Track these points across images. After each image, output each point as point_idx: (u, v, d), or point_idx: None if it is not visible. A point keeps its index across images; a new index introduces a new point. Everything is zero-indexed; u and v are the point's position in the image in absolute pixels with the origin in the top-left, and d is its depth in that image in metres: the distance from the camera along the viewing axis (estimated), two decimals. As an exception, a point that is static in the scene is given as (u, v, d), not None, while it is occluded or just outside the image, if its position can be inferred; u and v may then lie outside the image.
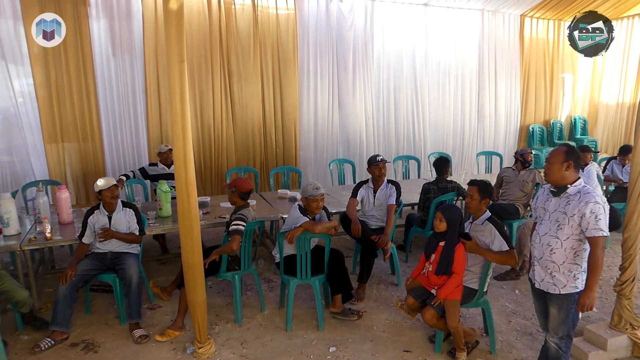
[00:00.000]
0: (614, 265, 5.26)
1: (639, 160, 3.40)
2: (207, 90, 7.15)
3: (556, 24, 10.02)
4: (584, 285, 2.79)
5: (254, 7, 7.22)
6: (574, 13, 9.53)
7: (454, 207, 3.53)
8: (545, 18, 9.82)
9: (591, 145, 9.72)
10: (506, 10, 9.24)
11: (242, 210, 4.03)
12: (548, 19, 9.86)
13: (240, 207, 4.10)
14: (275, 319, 4.20)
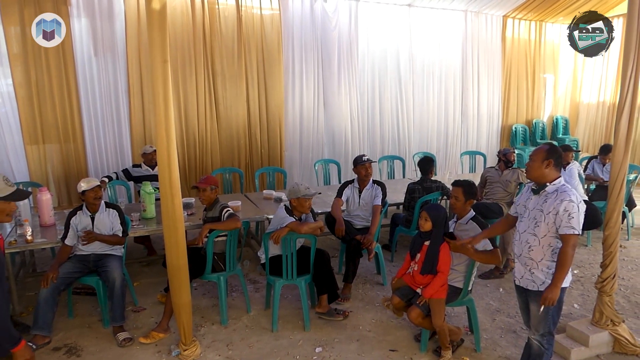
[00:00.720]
0: (595, 262, 5.35)
1: (619, 159, 3.46)
2: (191, 91, 7.10)
3: (537, 25, 10.16)
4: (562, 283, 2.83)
5: (238, 7, 7.19)
6: (554, 14, 9.74)
7: (438, 207, 3.56)
8: (527, 19, 9.95)
9: (573, 144, 9.87)
10: (489, 11, 9.34)
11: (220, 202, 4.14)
12: (529, 20, 9.99)
13: (215, 202, 4.16)
14: (261, 320, 4.18)
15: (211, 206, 4.14)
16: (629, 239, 6.26)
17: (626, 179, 3.57)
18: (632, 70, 3.36)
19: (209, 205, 4.17)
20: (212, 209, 4.11)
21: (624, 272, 5.18)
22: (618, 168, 3.47)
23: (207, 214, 4.17)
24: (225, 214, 4.01)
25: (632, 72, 3.36)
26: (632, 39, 3.34)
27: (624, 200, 4.41)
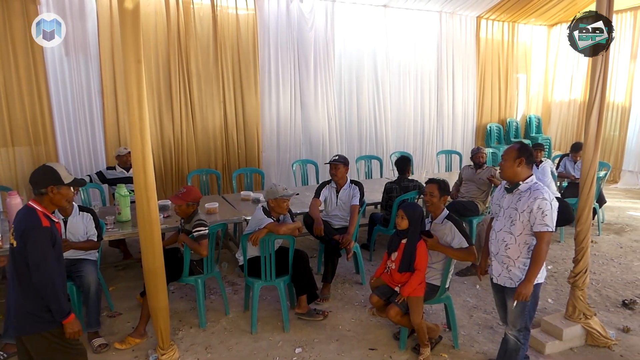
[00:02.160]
0: (568, 258, 5.48)
1: (589, 157, 3.55)
2: (166, 92, 7.00)
3: (510, 26, 10.35)
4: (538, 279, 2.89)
5: (213, 7, 7.12)
6: (526, 16, 9.94)
7: (415, 205, 3.59)
8: (500, 20, 10.13)
9: (545, 143, 10.08)
10: (463, 12, 9.47)
11: (198, 216, 3.97)
12: (502, 21, 10.17)
13: (192, 214, 4.00)
14: (240, 322, 4.16)
15: (189, 218, 4.04)
16: (599, 235, 6.43)
17: (596, 176, 3.66)
18: (600, 71, 3.45)
19: (187, 218, 4.06)
20: (189, 222, 4.01)
21: (595, 267, 5.32)
22: (588, 165, 3.56)
23: (184, 225, 4.08)
24: (195, 232, 3.84)
25: (600, 72, 3.45)
26: (600, 40, 3.43)
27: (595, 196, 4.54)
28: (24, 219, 2.47)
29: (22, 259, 2.42)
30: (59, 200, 2.57)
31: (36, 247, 2.40)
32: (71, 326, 2.51)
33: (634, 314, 4.27)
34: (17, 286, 2.47)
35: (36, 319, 2.46)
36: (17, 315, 2.49)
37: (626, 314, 4.29)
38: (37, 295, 2.44)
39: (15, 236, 2.45)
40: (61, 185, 2.55)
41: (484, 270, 3.34)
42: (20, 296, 2.47)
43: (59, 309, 2.48)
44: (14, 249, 2.46)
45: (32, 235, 2.40)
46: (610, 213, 7.37)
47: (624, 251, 5.88)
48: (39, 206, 2.51)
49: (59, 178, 2.54)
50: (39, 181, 2.53)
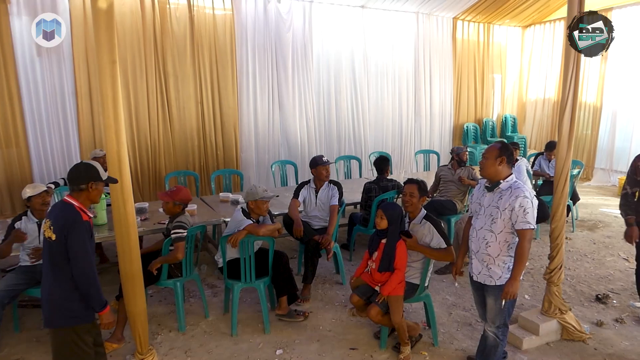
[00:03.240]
0: (543, 254, 5.58)
1: (563, 155, 3.62)
2: (142, 92, 6.91)
3: (486, 27, 10.52)
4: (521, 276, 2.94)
5: (189, 7, 7.05)
6: (501, 17, 10.11)
7: (394, 205, 3.61)
8: (476, 21, 10.28)
9: (521, 142, 10.27)
10: (439, 13, 9.58)
11: (180, 217, 3.92)
12: (478, 22, 10.32)
13: (177, 214, 3.97)
14: (220, 325, 4.12)
15: (173, 218, 4.00)
16: (574, 231, 6.57)
17: (570, 174, 3.74)
18: (572, 71, 3.53)
19: (171, 217, 4.02)
20: (172, 221, 3.96)
21: (569, 263, 5.43)
22: (562, 164, 3.63)
23: (168, 225, 4.03)
24: (173, 234, 3.80)
25: (572, 72, 3.53)
26: (572, 41, 3.51)
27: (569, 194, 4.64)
28: (63, 214, 2.57)
29: (60, 252, 2.52)
30: (95, 196, 2.71)
31: (78, 240, 2.51)
32: (107, 317, 2.70)
33: (607, 308, 4.37)
34: (52, 279, 2.57)
35: (67, 312, 2.57)
36: (50, 307, 2.59)
37: (599, 308, 4.39)
38: (71, 287, 2.55)
39: (55, 230, 2.52)
40: (100, 181, 2.69)
41: (459, 269, 3.37)
42: (54, 289, 2.57)
43: (99, 299, 2.63)
44: (51, 243, 2.54)
45: (74, 229, 2.51)
46: (584, 210, 7.54)
47: (597, 247, 6.02)
48: (75, 202, 2.61)
49: (98, 174, 2.69)
50: (80, 177, 2.64)
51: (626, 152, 9.18)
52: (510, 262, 2.95)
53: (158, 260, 3.82)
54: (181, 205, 3.97)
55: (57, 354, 2.67)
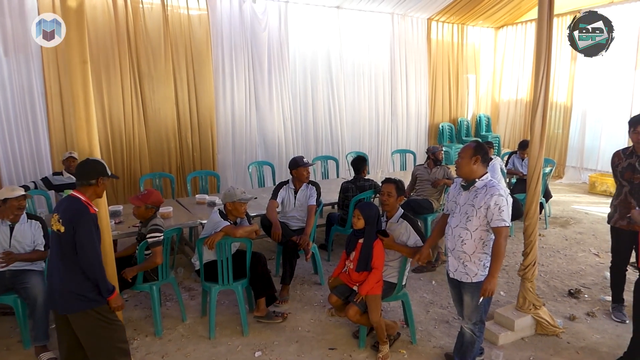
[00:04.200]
0: (518, 251, 5.68)
1: (535, 154, 3.70)
2: (115, 93, 6.78)
3: (460, 28, 10.67)
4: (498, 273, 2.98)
5: (163, 7, 6.96)
6: (475, 18, 10.27)
7: (371, 205, 3.63)
8: (450, 22, 10.42)
9: (495, 141, 10.44)
10: (414, 14, 9.68)
11: (154, 220, 3.85)
12: (452, 22, 10.47)
13: (150, 218, 3.89)
14: (197, 328, 4.07)
15: (146, 222, 3.91)
16: (547, 228, 6.71)
17: (542, 172, 3.82)
18: (543, 72, 3.60)
19: (144, 221, 3.95)
20: (146, 226, 3.89)
21: (543, 259, 5.55)
22: (535, 162, 3.71)
23: (141, 229, 3.95)
24: (149, 238, 3.74)
25: (543, 73, 3.60)
26: (542, 42, 3.59)
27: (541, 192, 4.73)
28: (71, 207, 2.72)
29: (69, 243, 2.67)
30: (102, 191, 2.87)
31: (85, 232, 2.67)
32: (115, 301, 2.87)
33: (579, 303, 4.48)
34: (63, 269, 2.72)
35: (82, 298, 2.72)
36: (63, 295, 2.73)
37: (572, 302, 4.49)
38: (82, 276, 2.71)
39: (63, 222, 2.68)
40: (107, 176, 2.86)
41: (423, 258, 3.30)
42: (66, 278, 2.72)
43: (105, 286, 2.79)
44: (60, 235, 2.69)
45: (81, 221, 2.67)
46: (556, 207, 7.71)
47: (569, 243, 6.17)
48: (82, 196, 2.76)
49: (105, 170, 2.85)
50: (90, 172, 2.80)
51: (595, 151, 9.45)
52: (486, 260, 3.00)
53: (136, 268, 3.74)
54: (153, 209, 3.90)
55: (90, 334, 2.81)
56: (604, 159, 9.33)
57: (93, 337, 2.82)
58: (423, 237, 3.54)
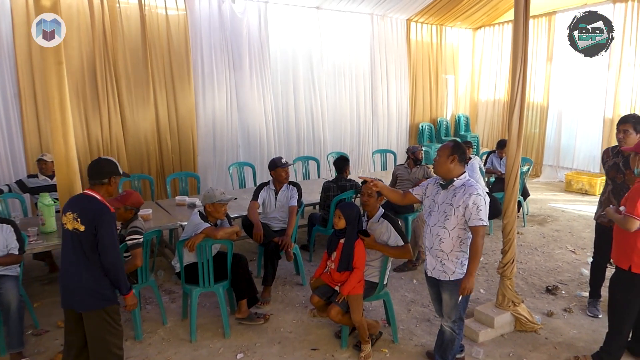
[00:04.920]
0: (497, 249, 5.77)
1: (513, 153, 3.75)
2: (92, 94, 6.66)
3: (438, 29, 10.78)
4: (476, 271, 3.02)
5: (140, 7, 6.87)
6: (453, 19, 10.39)
7: (352, 205, 3.64)
8: (429, 23, 10.52)
9: (474, 140, 10.58)
10: (393, 15, 9.74)
11: (134, 222, 3.80)
12: (431, 23, 10.57)
13: (130, 220, 3.85)
14: (178, 331, 4.03)
15: (126, 224, 3.86)
16: (524, 226, 6.82)
17: (520, 171, 3.88)
18: (520, 72, 3.66)
19: (124, 223, 3.89)
20: (126, 228, 3.83)
21: (521, 257, 5.63)
22: (512, 161, 3.76)
23: (121, 231, 3.89)
24: (129, 241, 3.68)
25: (520, 73, 3.66)
26: (519, 43, 3.64)
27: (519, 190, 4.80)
28: (92, 207, 2.75)
29: (90, 242, 2.71)
30: (114, 190, 2.91)
31: (108, 230, 2.72)
32: (131, 299, 2.99)
33: (557, 299, 4.57)
34: (82, 267, 2.75)
35: (99, 296, 2.78)
36: (81, 293, 2.77)
37: (550, 299, 4.58)
38: (101, 274, 2.77)
39: (83, 221, 2.70)
40: (119, 175, 2.91)
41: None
42: (85, 276, 2.75)
43: (125, 283, 2.88)
44: (79, 234, 2.72)
45: (103, 221, 2.71)
46: (534, 205, 7.85)
47: (547, 240, 6.28)
48: (98, 195, 2.80)
49: (117, 169, 2.90)
50: (103, 171, 2.84)
51: (571, 150, 9.65)
52: (464, 258, 3.03)
53: None
54: (133, 210, 3.85)
55: (95, 335, 2.86)
56: (580, 158, 9.56)
57: (97, 337, 2.87)
58: (404, 236, 3.57)
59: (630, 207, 3.06)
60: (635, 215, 3.02)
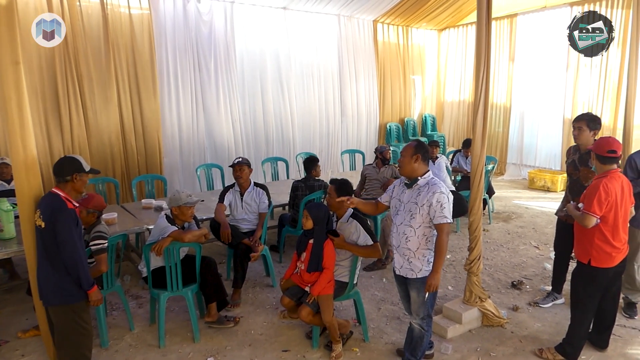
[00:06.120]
0: (464, 246, 5.88)
1: (477, 152, 3.83)
2: (52, 96, 6.45)
3: (404, 30, 10.92)
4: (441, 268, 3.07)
5: (102, 6, 6.69)
6: (418, 20, 10.54)
7: (320, 205, 3.65)
8: (395, 24, 10.64)
9: (440, 140, 10.76)
10: (360, 16, 9.82)
11: (98, 227, 3.70)
12: (397, 25, 10.70)
13: (93, 224, 3.74)
14: (146, 337, 3.95)
15: (89, 228, 3.75)
16: (490, 223, 6.98)
17: (485, 169, 3.96)
18: (483, 73, 3.74)
19: (87, 228, 3.78)
20: (89, 233, 3.72)
21: (487, 253, 5.76)
22: (477, 160, 3.84)
23: (84, 236, 3.77)
24: (92, 246, 3.57)
25: (483, 74, 3.74)
26: (481, 44, 3.72)
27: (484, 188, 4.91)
28: (51, 203, 2.83)
29: (50, 238, 2.80)
30: (80, 187, 2.96)
31: (64, 226, 2.77)
32: (95, 295, 2.96)
33: (522, 294, 4.69)
34: (47, 263, 2.85)
35: (63, 292, 2.85)
36: (46, 288, 2.88)
37: (515, 294, 4.70)
38: (64, 270, 2.83)
39: (44, 218, 2.80)
40: (83, 172, 2.94)
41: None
42: (49, 271, 2.85)
43: (86, 279, 2.89)
44: (42, 230, 2.82)
45: (60, 217, 2.77)
46: (499, 203, 8.04)
47: (512, 237, 6.45)
48: (62, 192, 2.87)
49: (81, 166, 2.93)
50: (64, 170, 2.89)
51: (533, 148, 9.95)
52: (430, 255, 3.08)
53: None
54: (96, 214, 3.74)
55: (61, 331, 2.93)
56: (541, 156, 9.85)
57: (64, 335, 2.92)
58: (373, 235, 3.59)
59: (587, 205, 3.18)
60: (591, 213, 3.14)
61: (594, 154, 3.28)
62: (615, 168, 3.25)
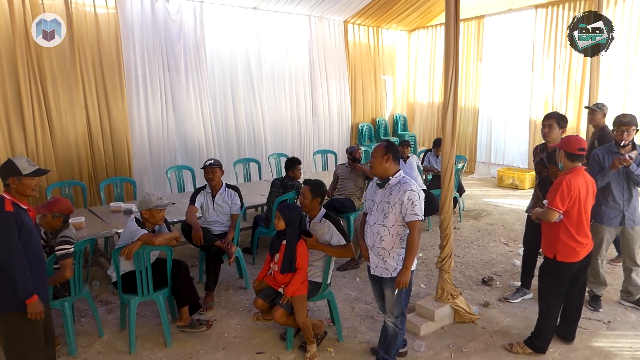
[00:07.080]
0: (436, 245, 5.94)
1: (447, 151, 3.89)
2: (13, 97, 6.22)
3: (375, 30, 11.00)
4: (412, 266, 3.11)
5: (66, 4, 6.50)
6: (388, 21, 10.63)
7: (292, 206, 3.65)
8: (365, 25, 10.71)
9: (411, 139, 10.88)
10: (330, 17, 9.84)
11: (65, 231, 3.59)
12: (367, 25, 10.76)
13: (59, 228, 3.64)
14: (116, 343, 3.86)
15: (56, 233, 3.63)
16: (461, 221, 7.10)
17: (455, 168, 4.03)
18: (452, 73, 3.80)
19: (53, 232, 3.66)
20: (55, 238, 3.61)
21: (458, 251, 5.86)
22: (447, 159, 3.90)
23: (50, 241, 3.66)
24: (57, 251, 3.47)
25: (452, 74, 3.80)
26: (450, 46, 3.78)
27: (455, 187, 5.00)
28: None
29: None
30: (24, 190, 2.81)
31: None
32: (33, 307, 2.74)
33: (492, 290, 4.79)
34: None
35: (4, 299, 2.71)
36: None
37: (485, 290, 4.79)
38: (4, 275, 2.67)
39: None
40: (21, 176, 2.78)
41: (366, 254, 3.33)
42: None
43: (22, 288, 2.69)
44: None
45: None
46: (469, 201, 8.18)
47: (482, 234, 6.57)
48: (8, 195, 2.78)
49: (17, 170, 2.78)
50: (1, 174, 2.81)
51: (502, 147, 10.16)
52: (404, 254, 3.11)
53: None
54: (61, 218, 3.63)
55: (6, 340, 2.81)
56: (509, 155, 10.08)
57: (9, 345, 2.79)
58: (346, 235, 3.61)
59: (550, 200, 3.28)
60: (554, 207, 3.24)
61: (563, 151, 3.37)
62: (580, 165, 3.35)
